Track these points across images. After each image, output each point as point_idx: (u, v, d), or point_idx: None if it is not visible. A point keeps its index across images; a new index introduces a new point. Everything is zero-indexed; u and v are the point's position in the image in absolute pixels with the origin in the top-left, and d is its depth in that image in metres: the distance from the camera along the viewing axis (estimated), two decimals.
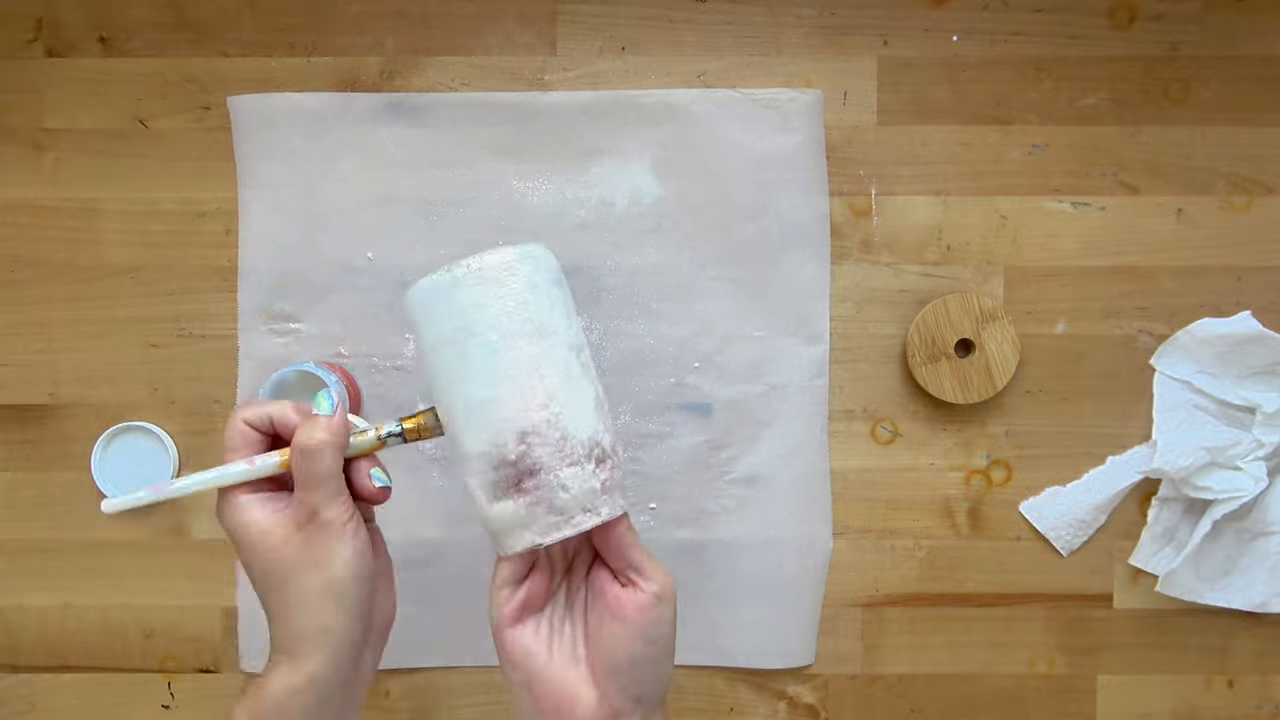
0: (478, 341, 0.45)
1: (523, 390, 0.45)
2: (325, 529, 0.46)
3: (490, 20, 0.69)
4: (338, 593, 0.46)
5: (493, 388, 0.45)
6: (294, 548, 0.46)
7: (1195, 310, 0.69)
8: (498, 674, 0.70)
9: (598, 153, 0.68)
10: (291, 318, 0.69)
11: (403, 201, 0.68)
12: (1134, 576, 0.70)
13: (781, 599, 0.69)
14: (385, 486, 0.48)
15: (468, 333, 0.45)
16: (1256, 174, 0.69)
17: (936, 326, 0.68)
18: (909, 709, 0.71)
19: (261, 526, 0.46)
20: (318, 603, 0.45)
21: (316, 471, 0.46)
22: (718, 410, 0.69)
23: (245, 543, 0.46)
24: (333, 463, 0.46)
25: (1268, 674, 0.70)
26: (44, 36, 0.69)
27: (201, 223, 0.69)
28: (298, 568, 0.45)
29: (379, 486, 0.48)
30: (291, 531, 0.46)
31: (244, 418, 0.48)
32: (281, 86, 0.69)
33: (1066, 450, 0.70)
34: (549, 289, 0.47)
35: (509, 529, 0.46)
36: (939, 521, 0.70)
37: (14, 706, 0.70)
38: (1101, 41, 0.69)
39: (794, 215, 0.68)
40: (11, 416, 0.70)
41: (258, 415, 0.48)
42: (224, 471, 0.47)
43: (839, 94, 0.69)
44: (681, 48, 0.69)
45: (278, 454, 0.47)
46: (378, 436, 0.48)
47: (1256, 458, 0.67)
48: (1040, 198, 0.69)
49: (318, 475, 0.46)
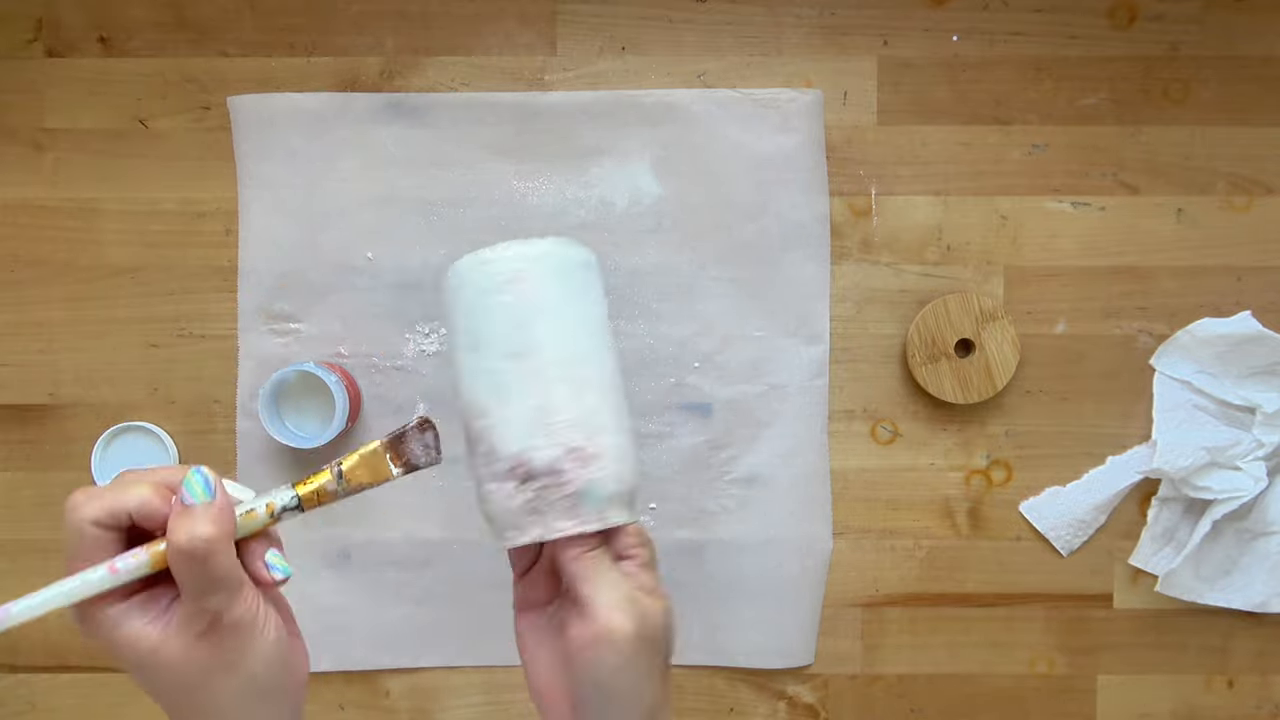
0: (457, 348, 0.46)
1: (464, 402, 0.45)
2: (234, 631, 0.38)
3: (490, 20, 0.69)
4: (261, 691, 0.39)
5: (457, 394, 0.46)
6: (197, 659, 0.37)
7: (1195, 310, 0.69)
8: (498, 674, 0.70)
9: (598, 153, 0.68)
10: (291, 318, 0.69)
11: (403, 201, 0.68)
12: (1134, 576, 0.70)
13: (781, 599, 0.69)
14: (285, 576, 0.40)
15: (459, 333, 0.45)
16: (1256, 174, 0.69)
17: (936, 326, 0.68)
18: (909, 709, 0.71)
19: (148, 644, 0.37)
20: (241, 709, 0.39)
21: (209, 576, 0.37)
22: (718, 410, 0.69)
23: (132, 661, 0.38)
24: (227, 559, 0.37)
25: (1268, 674, 0.70)
26: (44, 36, 0.69)
27: (201, 223, 0.69)
28: (206, 677, 0.38)
29: (278, 578, 0.40)
30: (190, 642, 0.37)
31: (90, 518, 0.37)
32: (281, 86, 0.69)
33: (1066, 450, 0.70)
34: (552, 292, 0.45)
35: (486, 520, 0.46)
36: (939, 521, 0.70)
37: (14, 706, 0.70)
38: (1101, 41, 0.69)
39: (794, 215, 0.68)
40: (11, 416, 0.70)
41: (107, 511, 0.37)
42: (79, 583, 0.37)
43: (839, 94, 0.69)
44: (681, 48, 0.69)
45: (144, 551, 0.38)
46: (270, 514, 0.40)
47: (1256, 458, 0.67)
48: (1040, 198, 0.69)
49: (212, 579, 0.37)
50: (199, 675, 0.38)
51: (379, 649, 0.70)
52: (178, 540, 0.36)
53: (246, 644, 0.38)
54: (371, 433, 0.69)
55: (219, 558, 0.37)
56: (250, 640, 0.38)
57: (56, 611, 0.38)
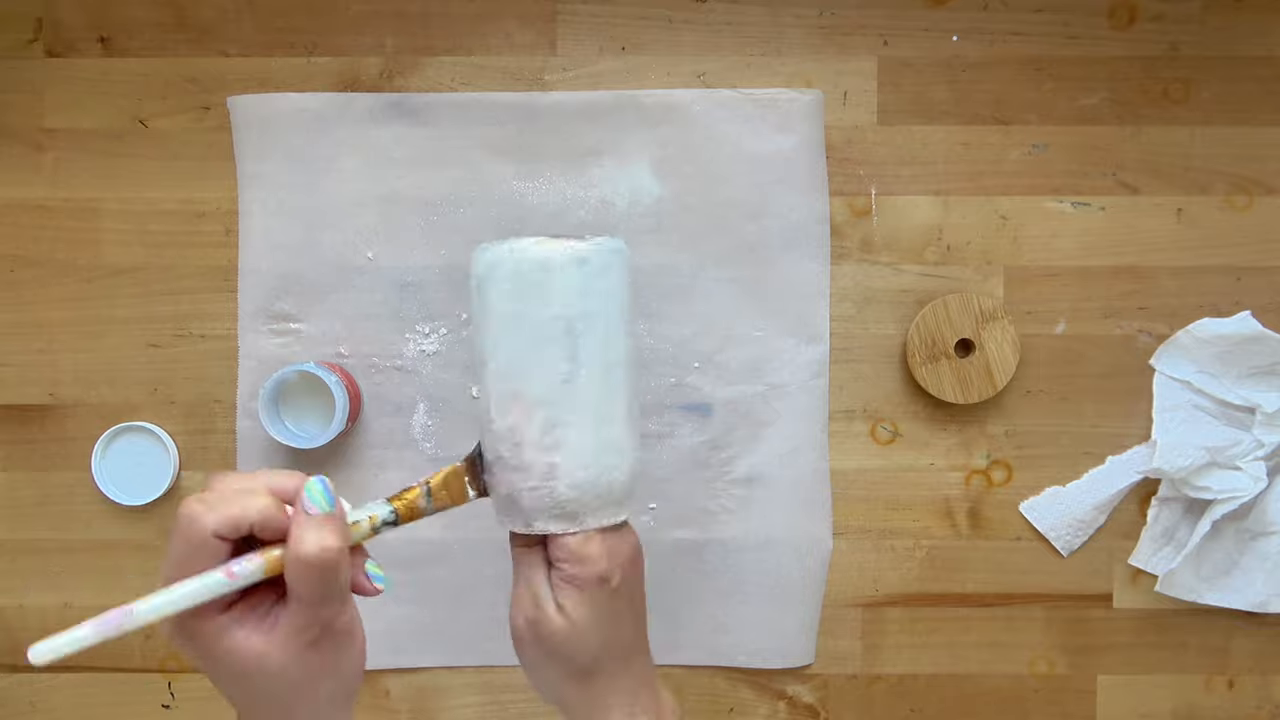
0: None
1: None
2: (340, 639, 0.39)
3: (490, 20, 0.69)
4: (349, 693, 0.41)
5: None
6: (303, 666, 0.38)
7: (1195, 310, 0.69)
8: (498, 674, 0.70)
9: (598, 153, 0.68)
10: (291, 318, 0.69)
11: (403, 201, 0.68)
12: (1134, 576, 0.70)
13: (781, 599, 0.69)
14: (384, 586, 0.42)
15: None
16: (1256, 174, 0.69)
17: (936, 326, 0.68)
18: (909, 709, 0.71)
19: (254, 652, 0.38)
20: (329, 710, 0.40)
21: (331, 587, 0.38)
22: (718, 410, 0.69)
23: (235, 670, 0.38)
24: (347, 571, 0.38)
25: (1268, 674, 0.70)
26: (44, 36, 0.69)
27: (201, 223, 0.69)
28: (311, 683, 0.39)
29: (380, 588, 0.41)
30: (300, 650, 0.38)
31: (212, 529, 0.37)
32: (281, 86, 0.69)
33: (1066, 450, 0.70)
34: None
35: None
36: (939, 521, 0.70)
37: (14, 706, 0.70)
38: (1101, 41, 0.69)
39: (794, 215, 0.68)
40: (11, 416, 0.70)
41: (231, 523, 0.37)
42: (198, 588, 0.37)
43: (839, 94, 0.69)
44: (681, 48, 0.69)
45: (258, 556, 0.38)
46: (371, 527, 0.42)
47: (1256, 458, 0.67)
48: (1040, 198, 0.69)
49: (332, 590, 0.38)
50: (305, 682, 0.39)
51: (379, 649, 0.69)
52: (308, 551, 0.37)
53: (346, 650, 0.40)
54: (371, 433, 0.69)
55: (343, 569, 0.38)
56: (350, 647, 0.40)
57: (168, 619, 0.37)
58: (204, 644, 0.38)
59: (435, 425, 0.69)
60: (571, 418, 0.44)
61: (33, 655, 0.35)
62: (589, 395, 0.44)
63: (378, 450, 0.69)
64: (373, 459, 0.69)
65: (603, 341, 0.45)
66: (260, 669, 0.38)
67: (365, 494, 0.69)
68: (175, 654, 0.70)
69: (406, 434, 0.69)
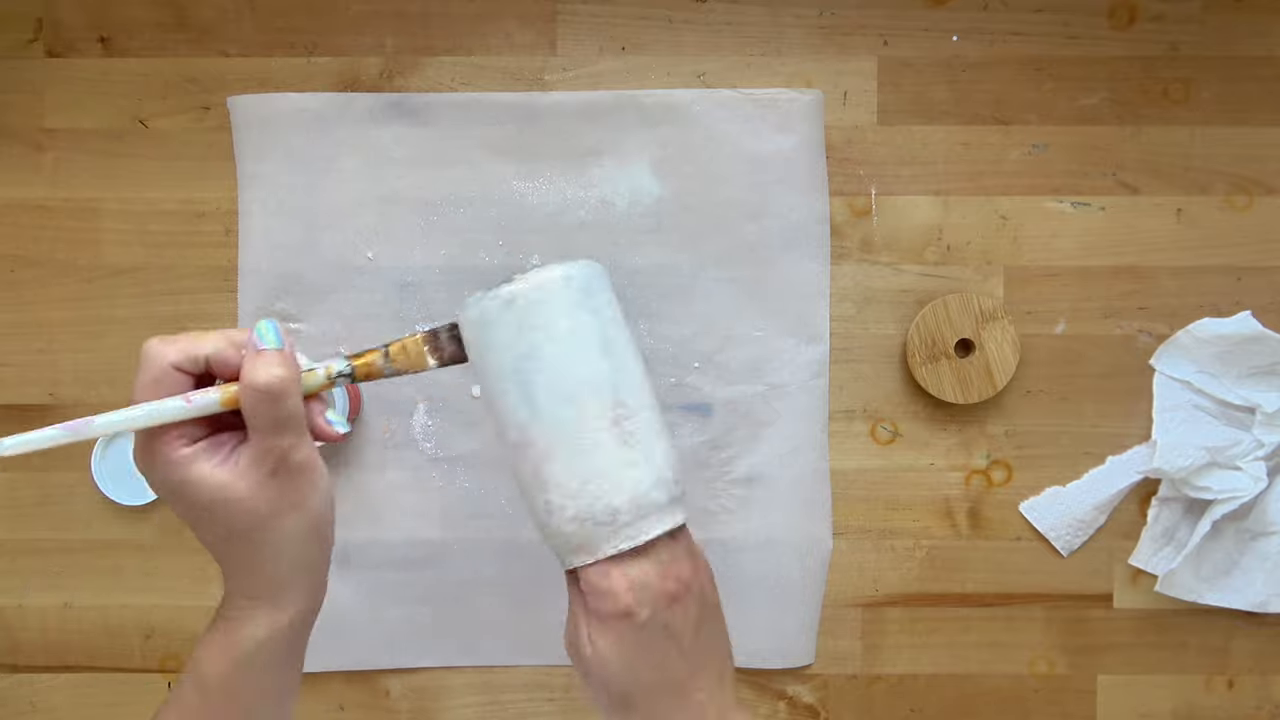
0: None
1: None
2: (299, 472, 0.41)
3: (490, 20, 0.69)
4: (316, 529, 0.43)
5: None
6: (266, 496, 0.41)
7: (1195, 310, 0.69)
8: (498, 674, 0.70)
9: (598, 153, 0.68)
10: (291, 318, 0.69)
11: (403, 201, 0.68)
12: (1134, 576, 0.70)
13: (781, 599, 0.69)
14: (344, 431, 0.44)
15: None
16: (1256, 174, 0.69)
17: (936, 326, 0.68)
18: (909, 709, 0.71)
19: (218, 481, 0.40)
20: (300, 546, 0.43)
21: (283, 415, 0.40)
22: (718, 410, 0.69)
23: (199, 501, 0.41)
24: (296, 400, 0.41)
25: (1268, 674, 0.70)
26: (44, 36, 0.69)
27: (201, 223, 0.69)
28: (273, 516, 0.41)
29: (339, 430, 0.44)
30: (261, 480, 0.41)
31: (172, 361, 0.40)
32: (281, 86, 0.69)
33: (1066, 450, 0.70)
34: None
35: None
36: (939, 521, 0.70)
37: (14, 706, 0.70)
38: (1101, 41, 0.69)
39: (794, 215, 0.68)
40: (11, 416, 0.70)
41: (187, 355, 0.40)
42: (155, 409, 0.40)
43: (839, 94, 0.69)
44: (681, 48, 0.69)
45: (215, 390, 0.41)
46: (327, 376, 0.44)
47: (1256, 458, 0.67)
48: (1040, 198, 0.69)
49: (284, 418, 0.40)
50: (267, 512, 0.41)
51: (379, 649, 0.70)
52: (255, 378, 0.40)
53: (309, 485, 0.42)
54: (371, 432, 0.69)
55: (291, 398, 0.40)
56: (312, 481, 0.42)
57: (137, 446, 0.40)
58: (173, 472, 0.40)
59: (435, 425, 0.69)
60: (549, 454, 0.43)
61: (1, 446, 0.40)
62: (556, 432, 0.43)
63: (378, 450, 0.69)
64: (373, 459, 0.69)
65: (555, 375, 0.43)
66: (224, 498, 0.40)
67: (366, 494, 0.69)
68: (175, 654, 0.70)
69: (406, 434, 0.69)
